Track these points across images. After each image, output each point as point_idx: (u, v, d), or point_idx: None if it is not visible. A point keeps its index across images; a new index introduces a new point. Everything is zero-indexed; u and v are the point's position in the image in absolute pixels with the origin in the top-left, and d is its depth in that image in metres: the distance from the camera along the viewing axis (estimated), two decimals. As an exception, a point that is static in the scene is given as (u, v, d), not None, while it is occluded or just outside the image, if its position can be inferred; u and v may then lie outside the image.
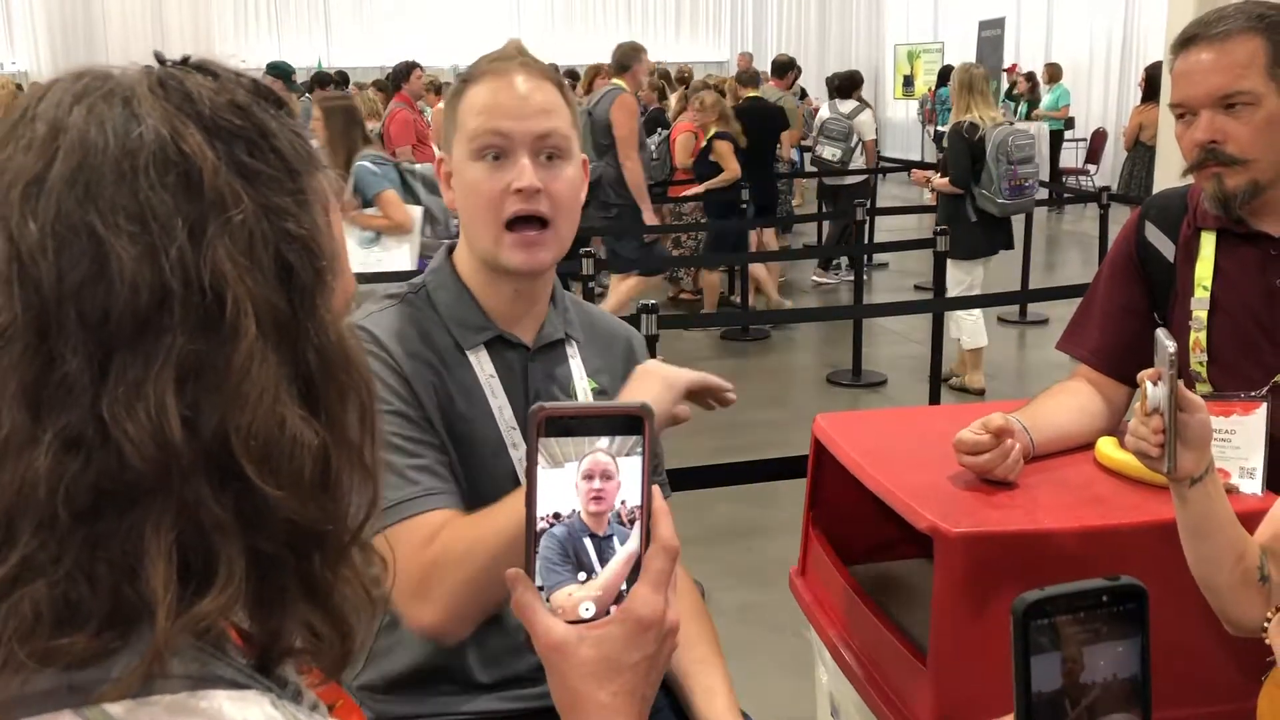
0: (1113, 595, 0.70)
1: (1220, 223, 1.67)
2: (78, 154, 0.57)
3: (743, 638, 3.09)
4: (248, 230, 0.59)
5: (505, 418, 1.40)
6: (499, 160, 1.36)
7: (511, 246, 1.36)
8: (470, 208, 1.38)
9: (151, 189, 0.57)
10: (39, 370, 0.55)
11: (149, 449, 0.55)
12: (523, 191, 1.34)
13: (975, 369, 5.69)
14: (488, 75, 1.38)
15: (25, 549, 0.55)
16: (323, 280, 0.62)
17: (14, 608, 0.54)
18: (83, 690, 0.55)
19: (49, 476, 0.55)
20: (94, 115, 0.59)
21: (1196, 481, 1.22)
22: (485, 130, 1.35)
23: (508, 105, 1.35)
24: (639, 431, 0.78)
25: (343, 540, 0.63)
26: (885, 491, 1.55)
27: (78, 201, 0.56)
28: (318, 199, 0.64)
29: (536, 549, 0.78)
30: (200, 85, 0.62)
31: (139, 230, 0.56)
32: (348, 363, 0.63)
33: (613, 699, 0.77)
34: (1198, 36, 1.59)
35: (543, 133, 1.36)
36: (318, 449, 0.60)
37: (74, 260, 0.56)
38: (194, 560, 0.57)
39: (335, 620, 0.63)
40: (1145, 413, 1.22)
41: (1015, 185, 5.38)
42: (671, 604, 0.79)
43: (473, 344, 1.41)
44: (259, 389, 0.58)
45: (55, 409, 0.55)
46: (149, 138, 0.58)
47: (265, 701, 0.59)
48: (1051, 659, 0.68)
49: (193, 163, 0.58)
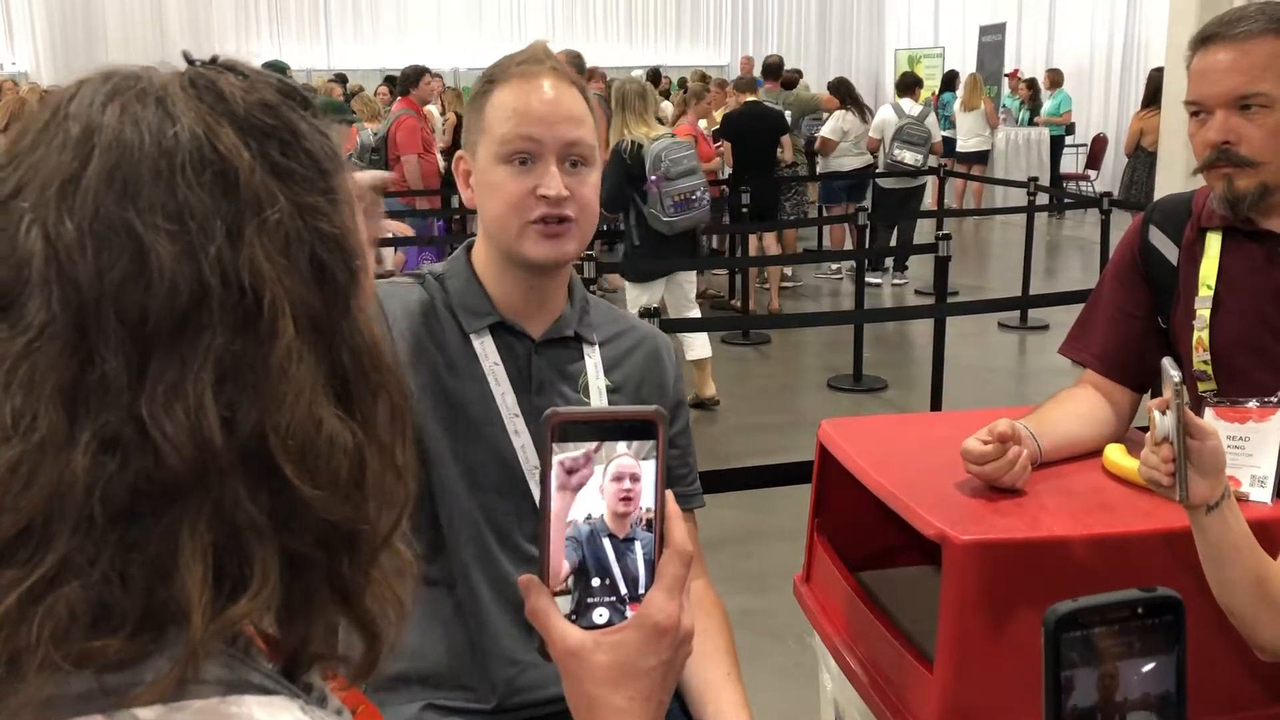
0: (1148, 607, 0.67)
1: (1226, 221, 1.66)
2: (114, 153, 0.57)
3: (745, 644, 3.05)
4: (284, 230, 0.59)
5: (508, 404, 1.41)
6: (526, 165, 1.37)
7: (536, 239, 1.38)
8: (494, 208, 1.39)
9: (189, 188, 0.57)
10: (77, 370, 0.55)
11: (187, 449, 0.55)
12: (549, 198, 1.36)
13: (706, 380, 5.61)
14: (516, 78, 1.38)
15: (62, 550, 0.54)
16: (356, 280, 0.63)
17: (50, 609, 0.53)
18: (115, 693, 0.54)
19: (86, 477, 0.54)
20: (128, 114, 0.59)
21: (1213, 508, 1.21)
22: (515, 135, 1.36)
23: (538, 111, 1.36)
24: (653, 436, 0.78)
25: (374, 541, 0.63)
26: (892, 498, 1.54)
27: (116, 200, 0.56)
28: (346, 198, 0.64)
29: (549, 555, 0.77)
30: (232, 85, 0.62)
31: (178, 229, 0.56)
32: (380, 362, 0.63)
33: (629, 704, 0.77)
34: (1217, 35, 1.58)
35: (571, 140, 1.37)
36: (353, 449, 0.60)
37: (113, 259, 0.55)
38: (228, 563, 0.57)
39: (365, 623, 0.63)
40: (1155, 441, 1.23)
41: (679, 200, 5.16)
42: (686, 609, 0.79)
43: (476, 328, 1.42)
44: (296, 389, 0.58)
45: (93, 409, 0.55)
46: (184, 137, 0.58)
47: (294, 706, 0.59)
48: (1083, 673, 0.66)
49: (229, 162, 0.58)
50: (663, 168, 5.08)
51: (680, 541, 0.79)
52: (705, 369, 5.60)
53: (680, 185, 5.14)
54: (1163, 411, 1.21)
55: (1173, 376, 1.18)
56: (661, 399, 1.51)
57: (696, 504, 1.58)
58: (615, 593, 0.79)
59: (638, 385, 1.50)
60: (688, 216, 5.21)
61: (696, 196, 5.21)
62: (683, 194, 5.15)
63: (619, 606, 0.79)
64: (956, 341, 5.66)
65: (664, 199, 5.11)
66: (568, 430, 0.77)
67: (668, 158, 5.10)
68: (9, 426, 0.54)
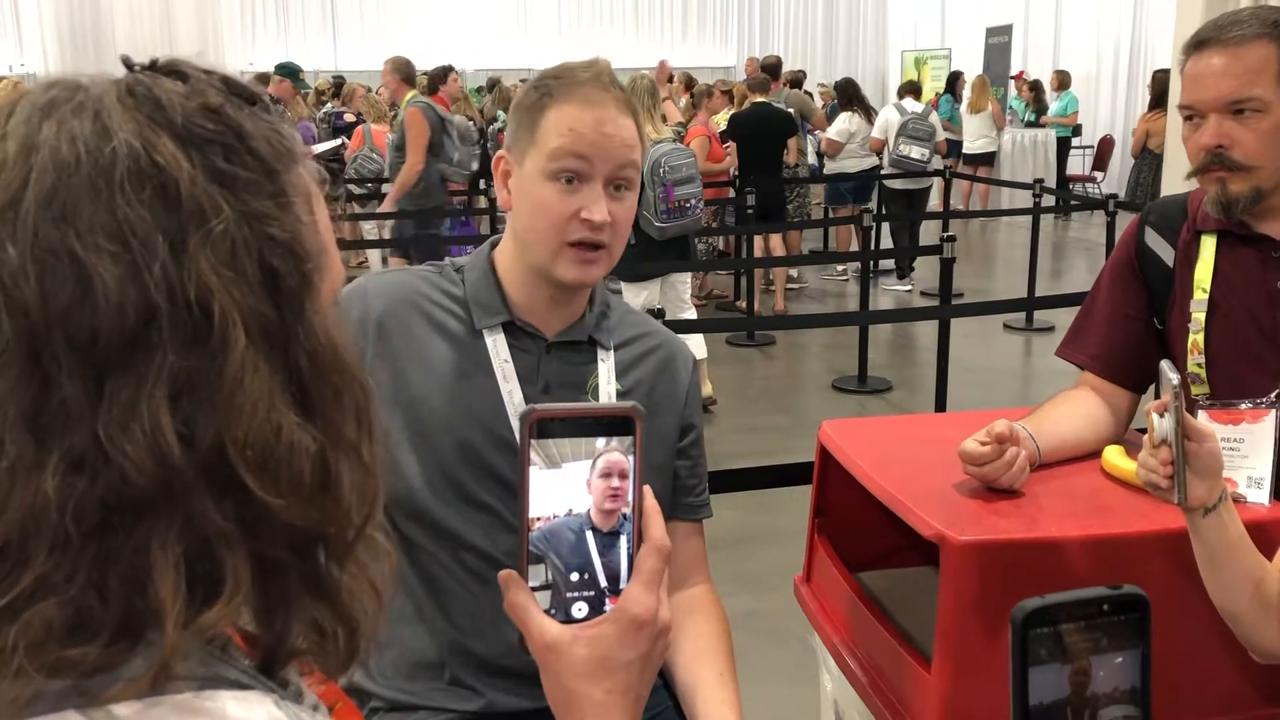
0: (1114, 604, 0.69)
1: (1221, 225, 1.66)
2: (51, 174, 0.56)
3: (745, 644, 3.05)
4: (230, 240, 0.58)
5: (515, 402, 1.41)
6: (572, 184, 1.36)
7: (569, 261, 1.38)
8: (533, 222, 1.39)
9: (129, 205, 0.56)
10: (36, 394, 0.55)
11: (148, 466, 0.55)
12: (592, 222, 1.35)
13: (703, 380, 5.54)
14: (578, 98, 1.37)
15: (40, 569, 0.54)
16: (309, 283, 0.62)
17: (26, 624, 0.54)
18: (91, 693, 0.55)
19: (58, 497, 0.54)
20: (65, 131, 0.57)
21: (1210, 511, 1.22)
22: (568, 153, 1.35)
23: (594, 135, 1.35)
24: (630, 432, 0.79)
25: (347, 538, 0.63)
26: (891, 499, 1.54)
27: (54, 224, 0.55)
28: (300, 195, 0.63)
29: (528, 550, 0.79)
30: (170, 91, 0.60)
31: (120, 249, 0.56)
32: (339, 363, 0.63)
33: (607, 696, 0.78)
34: (1211, 40, 1.59)
35: (621, 165, 1.37)
36: (315, 453, 0.60)
37: (57, 284, 0.55)
38: (200, 570, 0.57)
39: (343, 617, 0.63)
40: (1154, 444, 1.23)
41: (672, 207, 5.09)
42: (664, 603, 0.80)
43: (486, 325, 1.43)
44: (253, 399, 0.57)
45: (57, 432, 0.55)
46: (122, 151, 0.57)
47: (269, 701, 0.59)
48: (1051, 669, 0.67)
49: (168, 175, 0.57)
50: (661, 173, 5.05)
51: (658, 537, 0.80)
52: (701, 369, 5.59)
53: (675, 192, 5.10)
54: (1161, 414, 1.21)
55: (1171, 379, 1.18)
56: (671, 408, 1.51)
57: (704, 514, 1.58)
58: (595, 587, 0.80)
59: (649, 391, 1.49)
60: (678, 224, 5.15)
61: (690, 205, 5.16)
62: (677, 201, 5.10)
63: (598, 601, 0.80)
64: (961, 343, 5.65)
65: (656, 204, 5.07)
66: (546, 427, 0.78)
67: (667, 163, 5.07)
68: None
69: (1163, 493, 1.23)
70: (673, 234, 5.18)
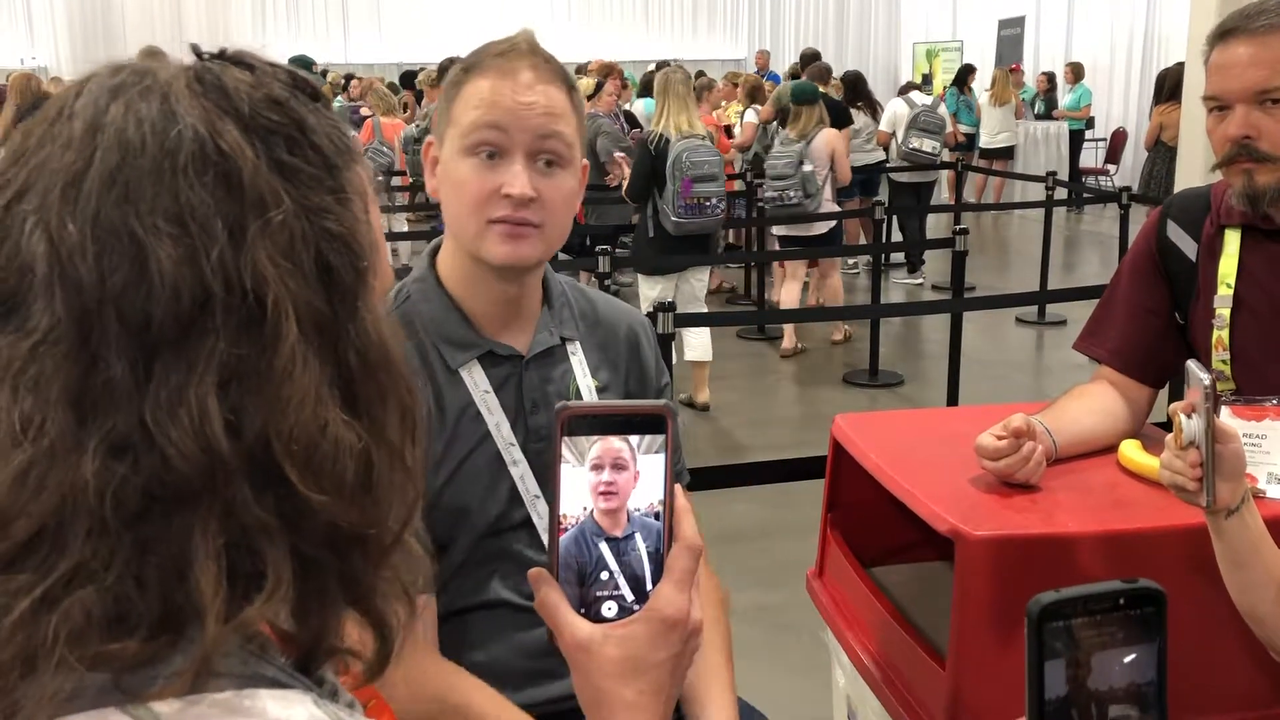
0: (1130, 598, 0.68)
1: (1245, 219, 1.64)
2: (115, 154, 0.57)
3: (757, 638, 3.08)
4: (288, 231, 0.58)
5: (503, 434, 1.35)
6: (493, 160, 1.29)
7: (496, 238, 1.30)
8: (455, 204, 1.32)
9: (191, 189, 0.56)
10: (83, 373, 0.55)
11: (193, 453, 0.55)
12: (513, 198, 1.28)
13: (702, 384, 5.49)
14: (492, 69, 1.30)
15: (78, 555, 0.54)
16: (363, 280, 0.62)
17: (65, 613, 0.53)
18: (131, 690, 0.55)
19: (97, 481, 0.54)
20: (131, 113, 0.58)
21: (1233, 512, 1.19)
22: (481, 125, 1.28)
23: (510, 103, 1.28)
24: (661, 430, 0.78)
25: (384, 542, 0.63)
26: (905, 493, 1.53)
27: (116, 203, 0.56)
28: (356, 193, 0.63)
29: (558, 549, 0.78)
30: (238, 80, 0.61)
31: (179, 232, 0.56)
32: (388, 363, 0.63)
33: (638, 697, 0.77)
34: (1238, 29, 1.56)
35: (544, 135, 1.29)
36: (360, 452, 0.60)
37: (114, 263, 0.55)
38: (241, 563, 0.57)
39: (376, 621, 0.63)
40: (1180, 446, 1.19)
41: (690, 204, 5.04)
42: (695, 603, 0.80)
43: (462, 363, 1.35)
44: (301, 393, 0.57)
45: (100, 413, 0.55)
46: (187, 136, 0.57)
47: (308, 700, 0.59)
48: (1067, 663, 0.67)
49: (232, 162, 0.57)
50: (682, 168, 5.02)
51: (690, 535, 0.79)
52: (703, 372, 5.50)
53: (696, 190, 5.07)
54: (1188, 415, 1.17)
55: (1202, 380, 1.14)
56: (646, 384, 1.49)
57: (683, 480, 1.54)
58: (619, 588, 0.79)
59: (624, 381, 1.47)
60: (695, 221, 5.12)
61: (710, 204, 5.12)
62: (695, 198, 5.07)
63: (626, 600, 0.79)
64: (973, 337, 5.64)
65: (675, 199, 5.04)
66: (577, 424, 0.77)
67: (689, 159, 5.04)
68: (18, 431, 0.54)
69: (1188, 495, 1.19)
70: (688, 231, 5.15)
